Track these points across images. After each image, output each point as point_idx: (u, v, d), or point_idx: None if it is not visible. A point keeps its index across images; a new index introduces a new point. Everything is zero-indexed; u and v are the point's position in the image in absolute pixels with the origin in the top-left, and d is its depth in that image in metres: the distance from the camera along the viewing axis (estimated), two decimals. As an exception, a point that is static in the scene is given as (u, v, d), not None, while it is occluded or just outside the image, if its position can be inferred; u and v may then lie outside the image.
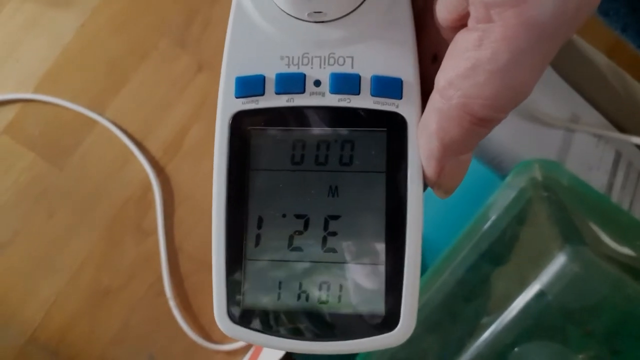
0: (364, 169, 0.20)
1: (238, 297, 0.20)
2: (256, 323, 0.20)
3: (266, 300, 0.20)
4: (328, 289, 0.20)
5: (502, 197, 0.37)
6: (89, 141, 0.57)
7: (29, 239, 0.57)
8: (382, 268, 0.20)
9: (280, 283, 0.21)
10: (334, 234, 0.20)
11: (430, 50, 0.21)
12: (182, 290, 0.57)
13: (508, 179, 0.38)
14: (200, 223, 0.57)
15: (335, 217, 0.20)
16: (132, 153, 0.57)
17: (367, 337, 0.20)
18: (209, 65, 0.59)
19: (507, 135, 0.48)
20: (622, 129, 0.53)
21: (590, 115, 0.52)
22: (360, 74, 0.20)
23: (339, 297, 0.20)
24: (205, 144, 0.58)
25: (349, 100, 0.20)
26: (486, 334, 0.34)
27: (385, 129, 0.20)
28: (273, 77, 0.20)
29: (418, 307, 0.20)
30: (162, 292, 0.56)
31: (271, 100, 0.20)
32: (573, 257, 0.30)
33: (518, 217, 0.35)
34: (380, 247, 0.20)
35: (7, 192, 0.57)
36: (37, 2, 0.58)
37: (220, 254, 0.21)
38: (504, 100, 0.17)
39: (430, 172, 0.20)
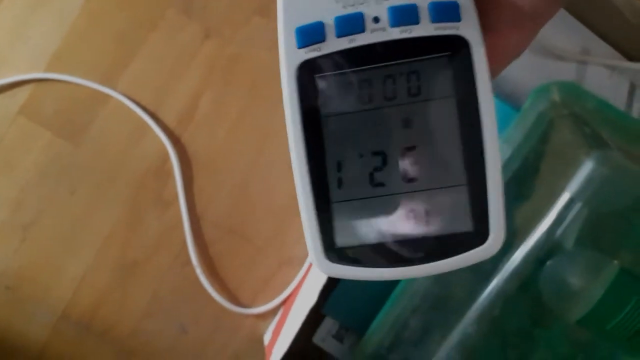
0: (434, 97, 0.21)
1: (331, 238, 0.21)
2: (352, 259, 0.21)
3: (358, 237, 0.21)
4: (415, 217, 0.21)
5: (522, 122, 0.37)
6: (103, 116, 0.58)
7: (53, 217, 0.57)
8: (464, 188, 0.20)
9: (368, 219, 0.21)
10: (412, 164, 0.21)
11: None
12: (207, 257, 0.57)
13: (526, 104, 0.38)
14: (220, 189, 0.57)
15: (411, 148, 0.21)
16: (147, 125, 0.57)
17: (461, 254, 0.20)
18: (216, 32, 0.59)
19: (521, 70, 0.48)
20: (632, 59, 0.53)
21: (600, 47, 0.52)
22: (417, 3, 0.20)
23: (427, 222, 0.21)
24: (218, 110, 0.58)
25: (410, 31, 0.20)
26: (518, 253, 0.34)
27: (449, 52, 0.20)
28: (332, 21, 0.20)
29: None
30: (188, 261, 0.57)
31: (333, 44, 0.21)
32: (601, 161, 0.30)
33: (541, 137, 0.35)
34: (460, 168, 0.20)
35: (29, 173, 0.57)
36: (41, -17, 0.58)
37: (308, 202, 0.21)
38: None
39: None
